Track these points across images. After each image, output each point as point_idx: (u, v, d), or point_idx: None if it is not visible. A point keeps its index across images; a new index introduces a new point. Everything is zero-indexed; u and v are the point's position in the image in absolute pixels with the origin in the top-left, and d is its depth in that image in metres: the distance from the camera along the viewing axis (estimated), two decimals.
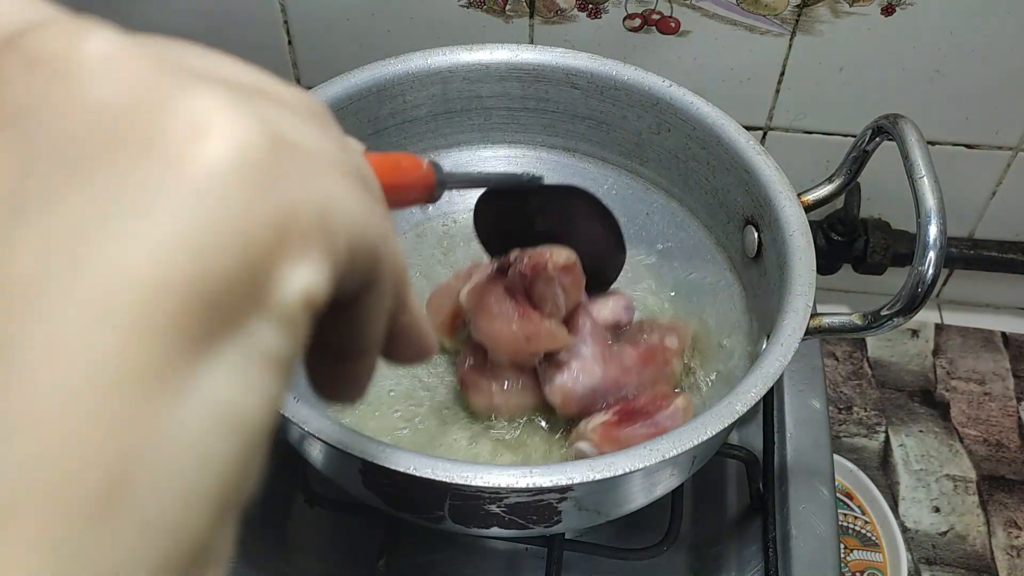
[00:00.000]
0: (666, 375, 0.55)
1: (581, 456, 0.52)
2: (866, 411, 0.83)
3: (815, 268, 0.49)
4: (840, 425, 0.82)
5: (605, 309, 0.57)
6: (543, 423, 0.56)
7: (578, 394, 0.53)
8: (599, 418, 0.52)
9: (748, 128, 0.57)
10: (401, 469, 0.41)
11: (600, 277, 0.56)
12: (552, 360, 0.53)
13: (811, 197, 0.56)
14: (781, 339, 0.46)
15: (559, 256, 0.53)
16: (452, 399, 0.57)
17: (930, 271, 0.45)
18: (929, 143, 0.48)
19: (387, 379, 0.57)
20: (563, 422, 0.55)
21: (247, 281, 0.16)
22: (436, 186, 0.34)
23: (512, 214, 0.53)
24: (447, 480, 0.41)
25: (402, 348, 0.25)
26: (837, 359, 0.87)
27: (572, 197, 0.52)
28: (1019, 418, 0.82)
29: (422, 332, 0.26)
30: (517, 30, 0.72)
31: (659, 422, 0.51)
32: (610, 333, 0.57)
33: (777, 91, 0.74)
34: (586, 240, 0.53)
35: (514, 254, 0.53)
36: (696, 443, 0.42)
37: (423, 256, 0.64)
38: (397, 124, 0.61)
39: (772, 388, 0.48)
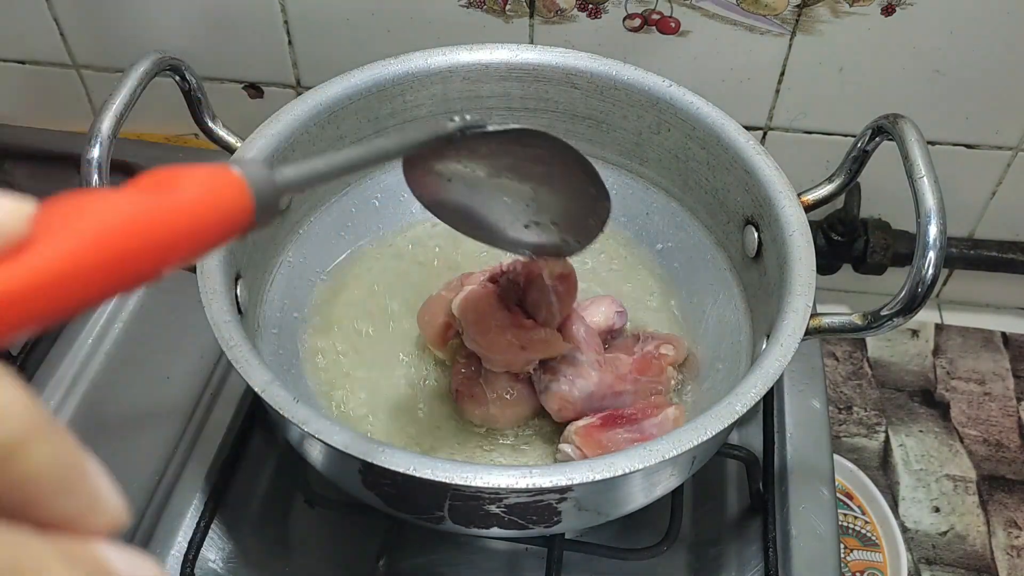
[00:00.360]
0: (661, 382, 0.55)
1: (565, 458, 0.52)
2: (866, 411, 0.83)
3: (815, 268, 0.49)
4: (840, 425, 0.82)
5: (597, 314, 0.57)
6: (540, 432, 0.56)
7: (574, 399, 0.53)
8: (584, 421, 0.52)
9: (748, 128, 0.57)
10: (401, 469, 0.41)
11: (582, 231, 0.47)
12: (547, 367, 0.53)
13: (811, 197, 0.56)
14: (781, 339, 0.46)
15: (555, 265, 0.53)
16: (447, 413, 0.56)
17: (930, 271, 0.45)
18: (929, 143, 0.48)
19: (384, 393, 0.57)
20: (560, 430, 0.55)
21: None
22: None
23: (456, 171, 0.41)
24: (447, 480, 0.41)
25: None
26: (837, 359, 0.87)
27: (533, 143, 0.40)
28: (1019, 418, 0.82)
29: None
30: (517, 30, 0.72)
31: (645, 428, 0.51)
32: (604, 339, 0.57)
33: (777, 91, 0.74)
34: (558, 189, 0.43)
35: (506, 263, 0.53)
36: (696, 443, 0.42)
37: (423, 255, 0.64)
38: (397, 124, 0.61)
39: (772, 388, 0.48)
